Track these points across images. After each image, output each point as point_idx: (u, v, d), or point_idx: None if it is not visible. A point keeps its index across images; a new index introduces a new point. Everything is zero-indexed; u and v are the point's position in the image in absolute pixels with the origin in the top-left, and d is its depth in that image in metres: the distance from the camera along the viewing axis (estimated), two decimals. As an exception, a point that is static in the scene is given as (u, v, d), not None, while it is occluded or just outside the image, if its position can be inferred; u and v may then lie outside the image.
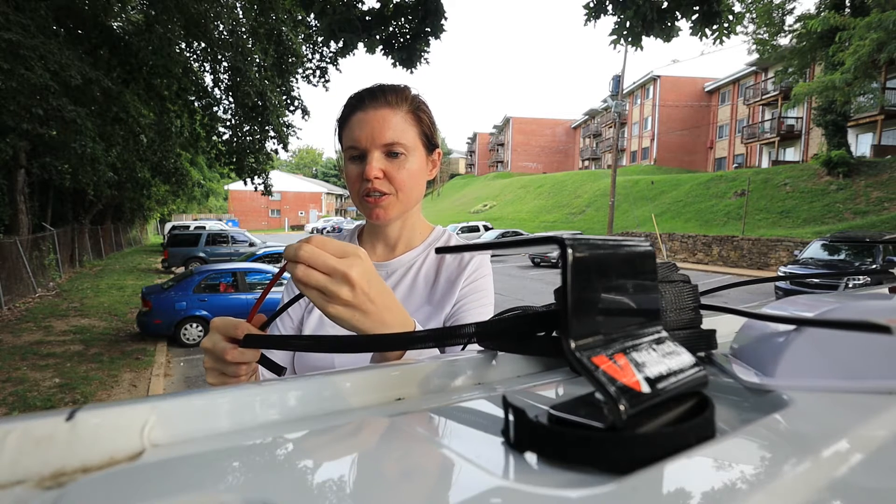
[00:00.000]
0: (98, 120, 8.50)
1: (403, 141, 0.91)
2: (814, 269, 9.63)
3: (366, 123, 0.90)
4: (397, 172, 0.91)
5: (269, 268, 8.75)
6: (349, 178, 0.94)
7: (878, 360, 0.37)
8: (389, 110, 0.91)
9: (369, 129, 0.89)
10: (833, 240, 10.15)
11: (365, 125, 0.90)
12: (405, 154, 0.91)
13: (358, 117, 0.91)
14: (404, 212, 0.96)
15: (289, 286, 1.01)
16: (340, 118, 0.96)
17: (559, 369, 0.47)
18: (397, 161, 0.91)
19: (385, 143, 0.90)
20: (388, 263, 1.00)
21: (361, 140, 0.90)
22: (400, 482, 0.26)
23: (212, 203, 50.51)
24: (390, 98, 0.92)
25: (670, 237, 18.76)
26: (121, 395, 5.53)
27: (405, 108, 0.92)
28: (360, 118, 0.91)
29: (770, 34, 19.46)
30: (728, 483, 0.24)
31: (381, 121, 0.90)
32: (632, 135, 43.26)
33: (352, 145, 0.91)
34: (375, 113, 0.90)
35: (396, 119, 0.91)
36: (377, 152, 0.90)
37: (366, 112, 0.91)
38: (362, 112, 0.91)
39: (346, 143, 0.93)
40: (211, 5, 9.36)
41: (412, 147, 0.92)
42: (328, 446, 0.32)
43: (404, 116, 0.92)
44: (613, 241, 0.33)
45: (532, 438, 0.28)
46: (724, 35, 5.02)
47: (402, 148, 0.91)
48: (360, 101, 0.92)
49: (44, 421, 0.27)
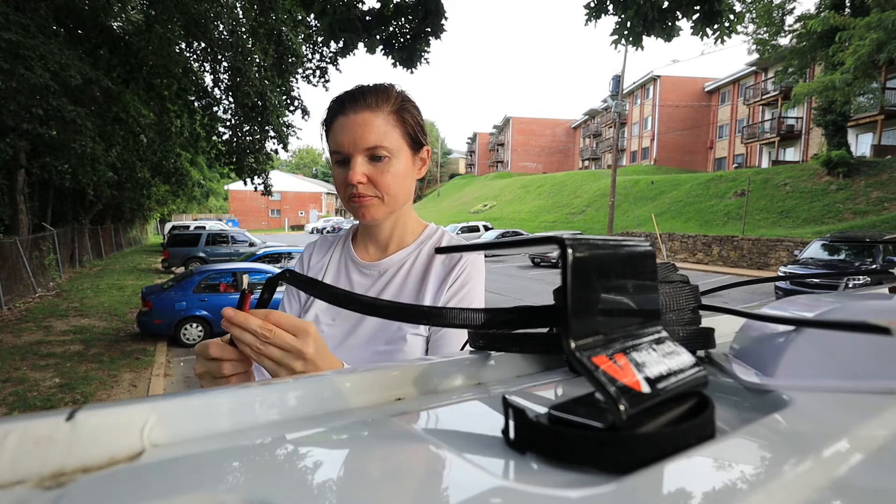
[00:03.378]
0: (98, 120, 8.50)
1: (386, 144, 0.89)
2: (814, 269, 9.62)
3: (347, 128, 0.89)
4: (381, 176, 0.90)
5: (270, 268, 8.75)
6: (336, 182, 0.94)
7: (878, 360, 0.37)
8: (370, 113, 0.89)
9: (351, 133, 0.89)
10: (833, 240, 10.15)
11: (347, 130, 0.89)
12: (389, 157, 0.90)
13: (340, 122, 0.90)
14: (391, 213, 0.96)
15: (289, 291, 1.02)
16: (325, 122, 0.95)
17: (559, 369, 0.47)
18: (381, 164, 0.90)
19: (367, 146, 0.89)
20: (380, 263, 1.00)
21: (344, 145, 0.89)
22: (400, 482, 0.26)
23: (212, 203, 50.53)
24: (370, 101, 0.90)
25: (670, 237, 18.76)
26: (121, 395, 5.53)
27: (387, 109, 0.91)
28: (341, 123, 0.90)
29: (770, 34, 19.46)
30: (728, 483, 0.24)
31: (362, 125, 0.89)
32: (632, 135, 43.25)
33: (335, 150, 0.91)
34: (356, 117, 0.89)
35: (378, 122, 0.89)
36: (360, 157, 0.89)
37: (346, 116, 0.90)
38: (343, 116, 0.90)
39: (331, 148, 0.92)
40: (211, 5, 9.36)
41: (396, 149, 0.91)
42: (328, 446, 0.32)
43: (386, 118, 0.90)
44: (613, 241, 0.33)
45: (532, 438, 0.28)
46: (725, 35, 5.02)
47: (384, 151, 0.90)
48: (341, 104, 0.91)
49: (44, 421, 0.27)
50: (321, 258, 1.07)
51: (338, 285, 0.98)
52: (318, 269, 1.06)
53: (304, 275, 0.64)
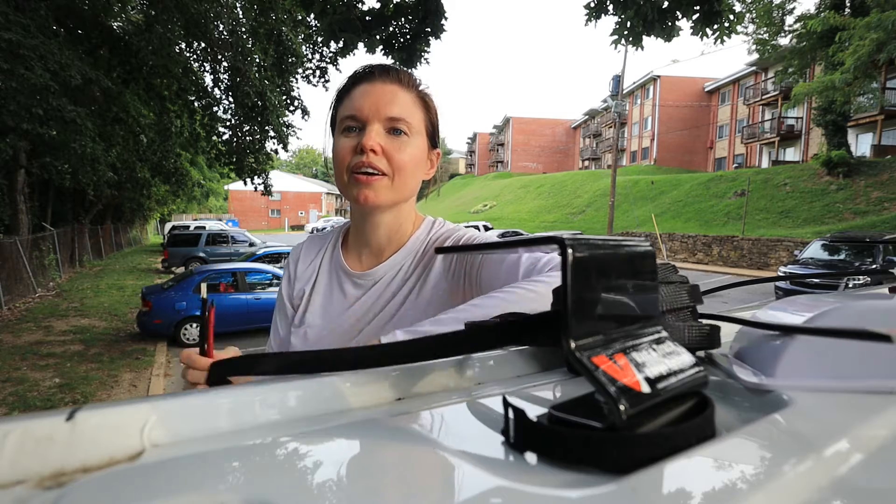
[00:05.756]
0: (98, 120, 8.50)
1: (410, 119, 0.82)
2: (814, 269, 9.62)
3: (372, 94, 0.81)
4: (397, 152, 0.81)
5: (270, 268, 8.75)
6: (339, 152, 0.82)
7: (878, 361, 0.37)
8: (400, 87, 0.83)
9: (375, 98, 0.80)
10: (833, 240, 10.15)
11: (370, 95, 0.81)
12: (408, 135, 0.82)
13: (363, 88, 0.82)
14: (395, 202, 0.85)
15: (280, 305, 0.96)
16: (342, 89, 0.86)
17: (558, 369, 0.47)
18: (399, 140, 0.81)
19: (390, 115, 0.80)
20: (374, 272, 0.89)
21: (364, 109, 0.80)
22: (400, 482, 0.26)
23: (212, 203, 50.55)
24: (402, 77, 0.84)
25: (670, 237, 18.75)
26: (121, 395, 5.52)
27: (415, 92, 0.85)
28: (365, 89, 0.82)
29: (770, 34, 19.45)
30: (728, 483, 0.24)
31: (390, 93, 0.81)
32: (632, 135, 43.24)
33: (351, 115, 0.81)
34: (384, 86, 0.82)
35: (407, 97, 0.83)
36: (378, 125, 0.80)
37: (373, 84, 0.82)
38: (369, 83, 0.82)
39: (345, 113, 0.83)
40: (211, 5, 9.36)
41: (417, 130, 0.84)
42: (328, 447, 0.32)
43: (414, 99, 0.84)
44: (613, 241, 0.33)
45: (532, 438, 0.28)
46: (725, 35, 5.02)
47: (406, 126, 0.81)
48: (370, 72, 0.84)
49: (44, 421, 0.27)
50: (309, 264, 0.96)
51: (331, 297, 0.91)
52: (306, 278, 0.95)
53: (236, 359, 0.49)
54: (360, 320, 0.87)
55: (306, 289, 0.94)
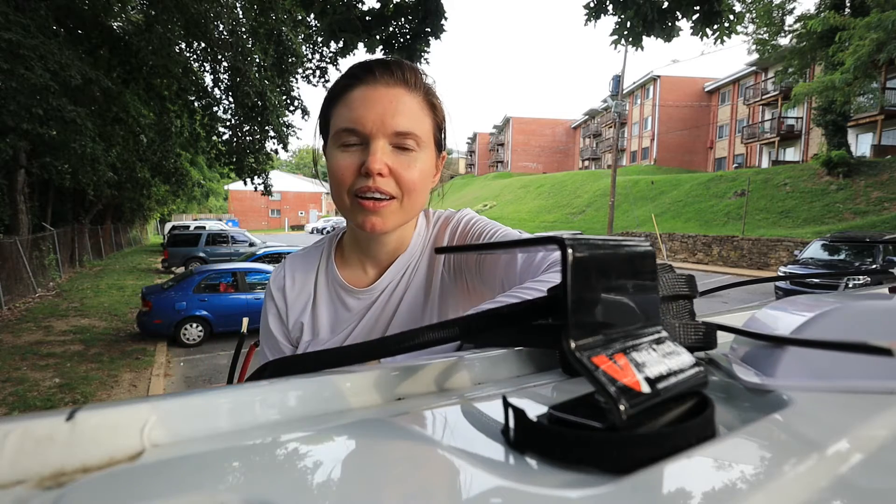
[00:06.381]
0: (98, 120, 8.51)
1: (418, 131, 0.71)
2: (814, 269, 9.62)
3: (375, 102, 0.68)
4: (406, 171, 0.70)
5: (270, 268, 8.75)
6: (337, 170, 0.70)
7: (878, 361, 0.37)
8: (406, 91, 0.70)
9: (379, 108, 0.68)
10: (833, 240, 10.16)
11: (373, 103, 0.68)
12: (416, 150, 0.71)
13: (363, 93, 0.69)
14: (403, 223, 0.76)
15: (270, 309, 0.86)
16: (335, 89, 0.73)
17: (558, 369, 0.47)
18: (407, 157, 0.70)
19: (398, 130, 0.69)
20: (374, 287, 0.82)
21: (367, 121, 0.68)
22: (400, 482, 0.26)
23: (212, 203, 50.57)
24: (408, 76, 0.71)
25: (670, 237, 18.75)
26: (121, 395, 5.53)
27: (422, 93, 0.73)
28: (365, 94, 0.69)
29: (770, 34, 19.46)
30: (728, 483, 0.24)
31: (395, 101, 0.69)
32: (632, 135, 43.25)
33: (349, 127, 0.69)
34: (388, 91, 0.69)
35: (414, 104, 0.71)
36: (384, 141, 0.69)
37: (375, 87, 0.69)
38: (370, 87, 0.69)
39: (341, 124, 0.70)
40: (211, 5, 9.37)
41: (425, 141, 0.73)
42: (328, 446, 0.32)
43: (421, 103, 0.72)
44: (613, 241, 0.33)
45: (532, 438, 0.28)
46: (725, 35, 5.02)
47: (415, 140, 0.70)
48: (369, 72, 0.70)
49: (44, 421, 0.27)
50: (302, 289, 0.85)
51: (336, 316, 0.84)
52: (300, 307, 0.84)
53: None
54: (373, 331, 0.82)
55: (303, 320, 0.84)
